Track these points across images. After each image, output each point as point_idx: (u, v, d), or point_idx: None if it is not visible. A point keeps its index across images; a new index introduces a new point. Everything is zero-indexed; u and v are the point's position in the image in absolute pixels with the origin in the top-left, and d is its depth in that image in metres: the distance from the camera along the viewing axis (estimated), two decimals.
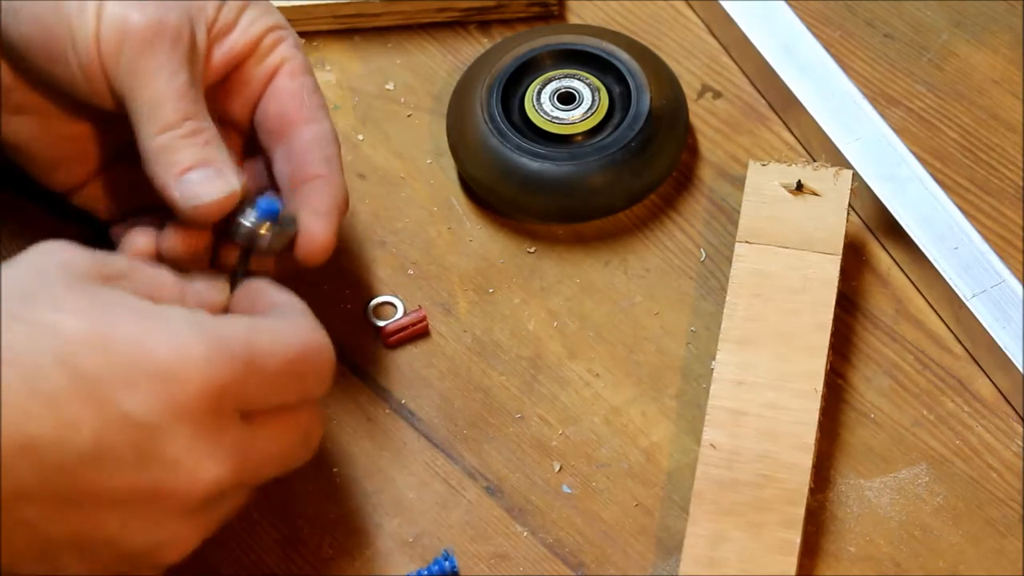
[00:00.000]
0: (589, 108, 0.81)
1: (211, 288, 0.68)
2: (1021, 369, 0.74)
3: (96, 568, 0.62)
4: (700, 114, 0.84)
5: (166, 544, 0.62)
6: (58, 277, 0.61)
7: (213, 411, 0.61)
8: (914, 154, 0.80)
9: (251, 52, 0.72)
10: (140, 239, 0.72)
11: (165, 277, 0.67)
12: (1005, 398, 0.75)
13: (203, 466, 0.61)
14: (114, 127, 0.73)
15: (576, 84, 0.81)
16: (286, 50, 0.73)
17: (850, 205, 0.77)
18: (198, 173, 0.69)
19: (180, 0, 0.69)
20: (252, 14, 0.72)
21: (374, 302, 0.79)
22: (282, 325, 0.65)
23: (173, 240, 0.70)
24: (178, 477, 0.60)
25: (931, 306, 0.78)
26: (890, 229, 0.79)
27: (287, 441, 0.65)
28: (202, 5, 0.71)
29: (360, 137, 0.84)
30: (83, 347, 0.59)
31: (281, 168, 0.72)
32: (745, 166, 0.78)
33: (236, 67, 0.72)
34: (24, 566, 0.61)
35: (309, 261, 0.70)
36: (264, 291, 0.68)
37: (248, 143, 0.75)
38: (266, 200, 0.69)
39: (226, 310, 0.68)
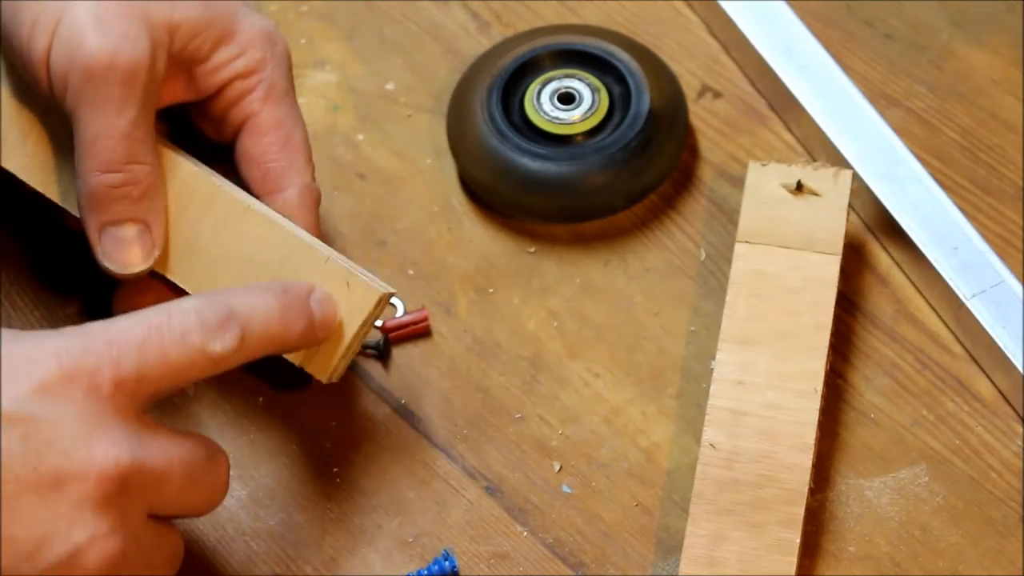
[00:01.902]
0: (589, 108, 0.81)
1: None
2: (1021, 369, 0.74)
3: None
4: (700, 114, 0.84)
5: (85, 547, 0.60)
6: None
7: (95, 396, 0.61)
8: (914, 154, 0.80)
9: (216, 96, 0.72)
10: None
11: None
12: (1005, 398, 0.75)
13: (97, 449, 0.60)
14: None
15: (576, 84, 0.81)
16: (250, 104, 0.72)
17: (850, 205, 0.77)
18: (124, 231, 0.69)
19: (147, 22, 0.68)
20: (228, 51, 0.71)
21: None
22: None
23: None
24: (75, 462, 0.60)
25: (931, 306, 0.78)
26: (890, 229, 0.79)
27: (183, 450, 0.64)
28: (170, 29, 0.69)
29: (360, 137, 0.84)
30: None
31: None
32: (745, 166, 0.78)
33: (204, 101, 0.72)
34: None
35: None
36: None
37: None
38: None
39: None
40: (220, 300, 0.65)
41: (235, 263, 0.71)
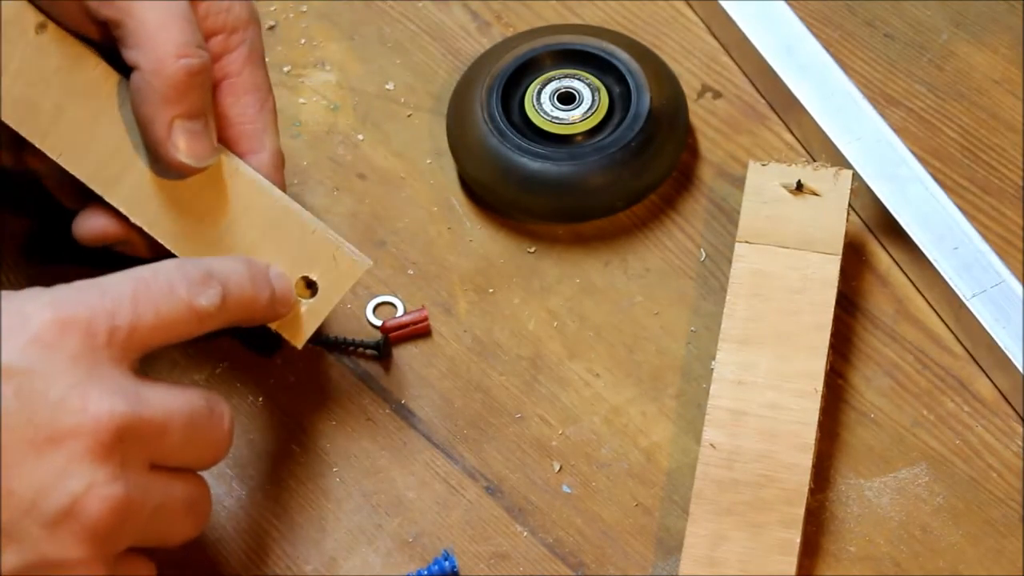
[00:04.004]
0: (589, 108, 0.81)
1: None
2: (1021, 369, 0.74)
3: (27, 552, 0.60)
4: (700, 114, 0.84)
5: (84, 496, 0.60)
6: None
7: (90, 346, 0.61)
8: (914, 154, 0.80)
9: None
10: (89, 224, 0.73)
11: None
12: (1005, 398, 0.75)
13: (92, 399, 0.61)
14: None
15: (576, 84, 0.81)
16: (231, 63, 0.72)
17: (850, 205, 0.77)
18: (195, 123, 0.69)
19: None
20: (210, 5, 0.71)
21: (374, 302, 0.79)
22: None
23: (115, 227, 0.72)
24: (69, 414, 0.60)
25: (931, 306, 0.78)
26: (890, 229, 0.79)
27: (182, 401, 0.64)
28: None
29: (360, 137, 0.84)
30: None
31: None
32: (745, 166, 0.78)
33: None
34: None
35: None
36: None
37: None
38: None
39: None
40: (199, 261, 0.67)
41: (219, 224, 0.72)
